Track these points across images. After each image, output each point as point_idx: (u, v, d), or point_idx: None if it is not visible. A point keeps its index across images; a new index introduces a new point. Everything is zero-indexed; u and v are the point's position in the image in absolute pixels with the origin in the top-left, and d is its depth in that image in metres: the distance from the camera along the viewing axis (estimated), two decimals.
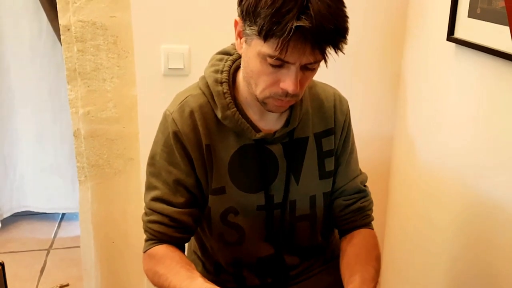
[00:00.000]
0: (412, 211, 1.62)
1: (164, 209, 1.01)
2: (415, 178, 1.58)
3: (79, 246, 1.85)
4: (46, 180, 2.56)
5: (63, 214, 2.72)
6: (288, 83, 0.87)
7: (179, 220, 1.01)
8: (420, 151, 1.55)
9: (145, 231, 1.05)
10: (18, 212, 2.61)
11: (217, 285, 0.90)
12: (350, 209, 1.10)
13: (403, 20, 1.61)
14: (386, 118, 1.71)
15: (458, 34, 1.31)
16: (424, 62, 1.53)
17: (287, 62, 0.86)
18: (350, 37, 0.83)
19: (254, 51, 0.88)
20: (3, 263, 0.91)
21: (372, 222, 1.15)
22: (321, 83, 1.12)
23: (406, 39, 1.62)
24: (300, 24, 0.79)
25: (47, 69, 2.37)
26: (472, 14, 1.25)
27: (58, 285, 2.09)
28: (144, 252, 1.05)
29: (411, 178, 1.61)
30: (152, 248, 1.03)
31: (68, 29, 1.56)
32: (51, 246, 2.45)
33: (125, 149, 1.67)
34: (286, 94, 0.89)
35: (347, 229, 1.12)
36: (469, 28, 1.26)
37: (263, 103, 0.94)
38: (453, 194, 1.37)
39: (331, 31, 0.82)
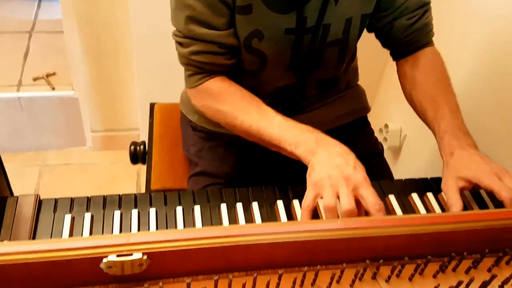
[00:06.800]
0: None
1: (208, 35, 0.81)
2: None
3: (62, 31, 1.63)
4: None
5: None
6: None
7: (227, 44, 0.83)
8: None
9: (188, 64, 0.85)
10: None
11: None
12: (414, 28, 0.90)
13: None
14: None
15: None
16: None
17: None
18: None
19: None
20: None
21: None
22: None
23: None
24: None
25: None
26: None
27: (45, 74, 1.91)
28: (192, 87, 0.87)
29: None
30: (204, 83, 0.85)
31: None
32: (32, 29, 2.20)
33: None
34: None
35: (408, 51, 0.93)
36: None
37: None
38: None
39: None
